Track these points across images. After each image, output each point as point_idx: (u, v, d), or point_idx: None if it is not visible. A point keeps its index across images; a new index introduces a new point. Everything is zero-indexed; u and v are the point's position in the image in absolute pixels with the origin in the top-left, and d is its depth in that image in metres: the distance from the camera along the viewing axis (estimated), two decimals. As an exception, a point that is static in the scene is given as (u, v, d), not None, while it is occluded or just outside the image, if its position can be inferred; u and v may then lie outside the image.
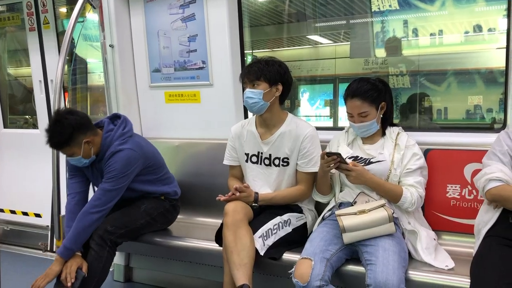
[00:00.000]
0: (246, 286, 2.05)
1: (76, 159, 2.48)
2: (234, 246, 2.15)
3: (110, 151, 2.47)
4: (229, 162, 2.65)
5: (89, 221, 2.39)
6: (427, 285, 2.01)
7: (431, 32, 4.22)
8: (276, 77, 2.40)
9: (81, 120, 2.45)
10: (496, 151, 2.08)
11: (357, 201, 2.25)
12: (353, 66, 5.06)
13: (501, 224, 2.00)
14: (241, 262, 2.11)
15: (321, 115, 5.70)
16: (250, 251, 2.14)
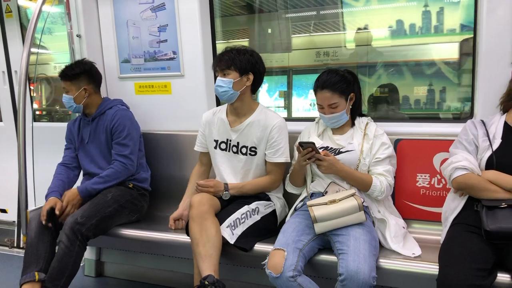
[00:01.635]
0: (211, 277, 2.04)
1: (68, 98, 2.74)
2: (199, 238, 2.15)
3: (114, 109, 2.78)
4: (199, 148, 2.67)
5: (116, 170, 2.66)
6: (396, 272, 2.04)
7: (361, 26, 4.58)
8: (247, 67, 2.40)
9: (94, 73, 2.84)
10: (462, 140, 2.13)
11: (328, 191, 2.27)
12: (306, 58, 5.24)
13: (467, 211, 2.06)
14: (206, 253, 2.11)
15: (278, 106, 5.82)
16: (216, 242, 2.14)
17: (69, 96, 2.73)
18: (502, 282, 1.83)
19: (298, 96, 5.88)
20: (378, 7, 4.49)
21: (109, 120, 2.75)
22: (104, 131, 2.76)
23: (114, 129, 2.73)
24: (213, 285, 2.02)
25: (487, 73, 2.35)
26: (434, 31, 4.24)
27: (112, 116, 2.76)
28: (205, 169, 2.69)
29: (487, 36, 2.32)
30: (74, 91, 2.73)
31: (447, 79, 4.19)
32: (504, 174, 1.97)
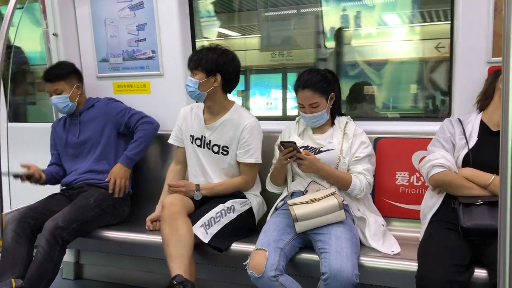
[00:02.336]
0: (179, 277, 2.03)
1: (62, 98, 2.75)
2: (170, 239, 2.13)
3: (103, 100, 2.88)
4: (173, 141, 2.65)
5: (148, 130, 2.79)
6: (376, 270, 2.06)
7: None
8: (214, 67, 2.37)
9: (79, 71, 2.90)
10: (440, 138, 2.17)
11: (308, 190, 2.28)
12: (262, 58, 5.41)
13: (444, 209, 2.09)
14: (176, 253, 2.10)
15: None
16: (187, 243, 2.12)
17: (64, 96, 2.75)
18: (478, 277, 1.86)
19: (255, 95, 6.09)
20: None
21: (103, 107, 2.84)
22: (99, 118, 2.80)
23: (115, 111, 2.83)
24: (181, 284, 2.00)
25: (463, 73, 2.39)
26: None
27: (105, 104, 2.86)
28: (181, 167, 2.66)
29: (464, 36, 2.35)
30: (68, 90, 2.76)
31: (370, 79, 4.45)
32: (479, 172, 2.01)
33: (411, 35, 4.57)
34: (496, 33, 2.27)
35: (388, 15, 4.66)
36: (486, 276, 1.85)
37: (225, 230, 2.28)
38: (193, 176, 2.56)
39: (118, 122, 2.81)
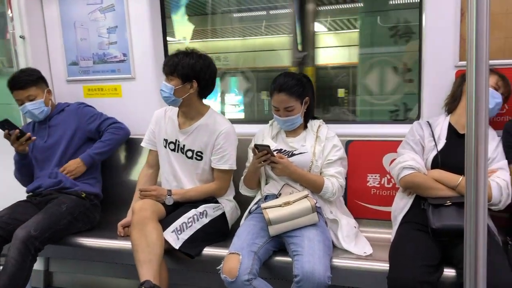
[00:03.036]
0: (148, 282, 1.99)
1: (37, 103, 2.68)
2: (139, 244, 2.10)
3: (73, 105, 2.85)
4: (146, 144, 2.62)
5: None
6: (349, 271, 2.08)
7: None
8: (190, 74, 2.34)
9: (44, 77, 2.79)
10: (409, 140, 2.21)
11: (281, 193, 2.28)
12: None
13: (414, 210, 2.13)
14: (145, 258, 2.07)
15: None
16: (156, 248, 2.09)
17: (39, 101, 2.68)
18: (448, 277, 1.90)
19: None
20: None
21: (73, 112, 2.80)
22: (68, 122, 2.75)
23: (87, 116, 2.79)
24: None
25: (432, 76, 2.44)
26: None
27: (76, 108, 2.82)
28: (152, 172, 2.62)
29: (431, 41, 2.40)
30: (41, 95, 2.70)
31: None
32: (448, 173, 2.06)
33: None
34: (462, 38, 2.33)
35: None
36: (455, 275, 1.90)
37: (197, 235, 2.26)
38: (166, 180, 2.53)
39: (89, 127, 2.76)
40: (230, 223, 2.49)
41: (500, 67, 2.26)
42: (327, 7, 5.80)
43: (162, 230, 2.17)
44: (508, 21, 2.28)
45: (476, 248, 1.00)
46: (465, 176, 1.01)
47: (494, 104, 2.11)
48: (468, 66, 0.97)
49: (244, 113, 6.46)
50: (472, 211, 1.00)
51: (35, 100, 2.67)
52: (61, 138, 2.72)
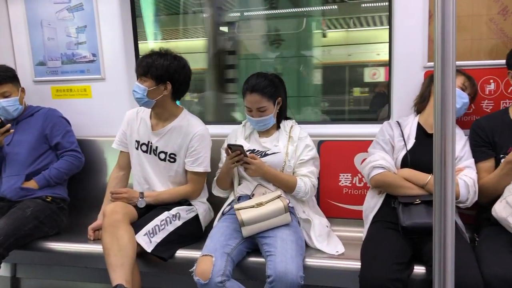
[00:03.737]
0: (120, 287, 1.97)
1: (12, 101, 2.62)
2: (110, 248, 2.06)
3: (44, 110, 2.76)
4: (117, 146, 2.57)
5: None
6: (321, 270, 2.10)
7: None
8: (164, 75, 2.31)
9: (17, 76, 2.73)
10: (380, 140, 2.25)
11: (255, 194, 2.28)
12: None
13: (385, 208, 2.17)
14: (117, 262, 2.03)
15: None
16: (128, 251, 2.06)
17: (13, 98, 2.63)
18: (418, 273, 1.94)
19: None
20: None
21: (42, 117, 2.72)
22: (35, 130, 2.67)
23: (53, 127, 2.70)
24: None
25: (401, 77, 2.48)
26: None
27: (45, 116, 2.73)
28: (123, 174, 2.57)
29: (401, 42, 2.45)
30: (16, 93, 2.66)
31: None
32: (417, 172, 2.10)
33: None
34: (430, 39, 2.38)
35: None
36: (425, 272, 1.94)
37: (170, 238, 2.24)
38: (137, 183, 2.50)
39: (50, 136, 2.69)
40: (204, 225, 2.47)
41: (467, 68, 2.32)
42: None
43: (134, 233, 2.14)
44: (474, 23, 2.34)
45: (444, 245, 1.02)
46: (433, 174, 1.03)
47: (461, 104, 2.16)
48: (435, 67, 0.99)
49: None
50: (441, 209, 1.02)
51: (10, 97, 2.61)
52: (25, 145, 2.64)
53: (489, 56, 2.35)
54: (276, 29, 5.63)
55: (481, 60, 2.36)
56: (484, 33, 2.34)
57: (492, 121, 2.16)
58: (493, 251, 1.86)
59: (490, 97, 2.37)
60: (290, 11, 5.47)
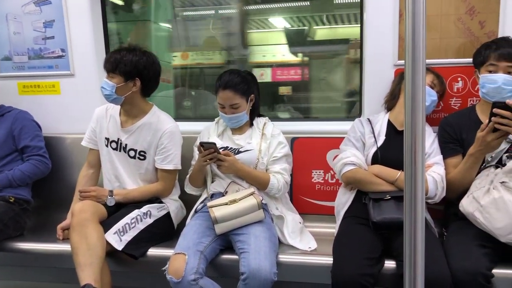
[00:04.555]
0: (88, 286, 1.94)
1: None
2: (79, 247, 2.03)
3: (15, 112, 2.67)
4: (87, 143, 2.52)
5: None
6: (295, 266, 2.11)
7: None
8: (133, 72, 2.28)
9: None
10: (351, 137, 2.28)
11: (228, 191, 2.28)
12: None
13: (356, 204, 2.20)
14: (86, 261, 2.00)
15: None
16: (97, 250, 2.03)
17: None
18: (388, 268, 1.98)
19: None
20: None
21: (11, 119, 2.64)
22: (3, 130, 2.60)
23: (21, 131, 2.62)
24: None
25: (372, 74, 2.52)
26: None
27: (15, 117, 2.65)
28: (93, 172, 2.53)
29: (372, 40, 2.48)
30: None
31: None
32: (387, 168, 2.13)
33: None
34: (401, 38, 2.42)
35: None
36: (395, 266, 1.97)
37: (141, 236, 2.21)
38: (108, 180, 2.45)
39: (18, 138, 2.61)
40: (176, 223, 2.45)
41: (436, 66, 2.37)
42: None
43: (104, 232, 2.10)
44: (443, 22, 2.39)
45: (415, 240, 1.04)
46: (404, 171, 1.05)
47: (430, 101, 2.21)
48: (406, 65, 1.01)
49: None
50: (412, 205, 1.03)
51: None
52: None
53: (457, 54, 2.41)
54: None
55: (449, 59, 2.41)
56: (452, 32, 2.40)
57: (460, 118, 2.22)
58: (461, 245, 1.91)
59: (458, 94, 2.43)
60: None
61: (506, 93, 2.01)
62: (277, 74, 4.70)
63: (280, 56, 4.94)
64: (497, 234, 1.84)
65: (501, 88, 2.01)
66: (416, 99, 1.00)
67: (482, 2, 2.34)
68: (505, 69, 2.01)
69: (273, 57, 4.90)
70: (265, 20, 5.20)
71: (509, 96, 2.00)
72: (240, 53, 4.91)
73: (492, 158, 2.04)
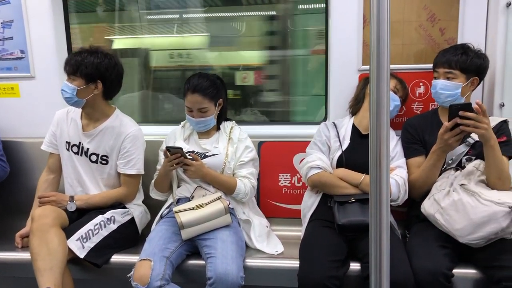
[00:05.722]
0: None
1: None
2: (38, 252, 1.96)
3: None
4: (47, 148, 2.44)
5: None
6: (261, 270, 2.11)
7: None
8: (94, 74, 2.23)
9: None
10: (317, 141, 2.30)
11: (194, 196, 2.26)
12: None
13: (322, 207, 2.23)
14: (46, 267, 1.94)
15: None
16: (58, 255, 1.97)
17: None
18: (354, 270, 2.00)
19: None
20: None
21: None
22: None
23: None
24: None
25: (337, 79, 2.55)
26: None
27: None
28: (54, 177, 2.45)
29: (337, 46, 2.51)
30: None
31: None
32: (352, 172, 2.17)
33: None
34: (365, 43, 2.47)
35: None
36: (359, 268, 2.00)
37: (104, 242, 2.16)
38: (69, 185, 2.39)
39: None
40: (140, 228, 2.41)
41: (398, 71, 2.43)
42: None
43: (66, 237, 2.04)
44: (405, 29, 2.46)
45: (380, 242, 1.06)
46: (369, 174, 1.06)
47: (393, 106, 2.26)
48: (371, 71, 1.02)
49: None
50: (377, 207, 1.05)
51: None
52: None
53: (419, 60, 2.47)
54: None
55: (412, 64, 2.48)
56: (414, 38, 2.46)
57: (422, 121, 2.28)
58: (423, 246, 1.96)
59: (420, 99, 2.49)
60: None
61: (445, 98, 2.12)
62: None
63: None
64: (457, 235, 1.90)
65: (439, 93, 2.12)
66: (381, 103, 1.02)
67: (443, 10, 2.42)
68: (444, 75, 2.12)
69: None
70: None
71: (449, 100, 2.10)
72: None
73: (452, 161, 2.11)
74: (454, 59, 2.10)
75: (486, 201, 1.85)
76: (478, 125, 1.86)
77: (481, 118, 1.85)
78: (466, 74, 2.11)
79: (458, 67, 2.10)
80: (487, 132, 1.87)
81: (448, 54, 2.13)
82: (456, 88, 2.10)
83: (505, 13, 2.32)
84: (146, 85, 4.37)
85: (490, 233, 1.83)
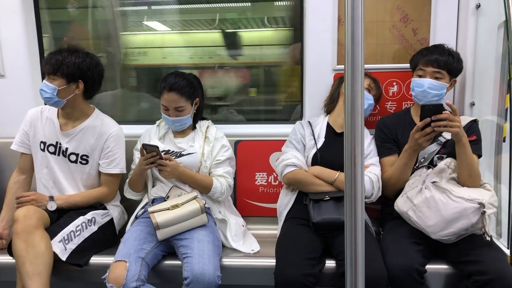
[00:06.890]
0: None
1: None
2: (25, 255, 1.92)
3: None
4: (18, 148, 2.37)
5: None
6: (239, 269, 2.12)
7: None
8: (76, 74, 2.19)
9: None
10: (292, 139, 2.32)
11: (170, 196, 2.24)
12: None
13: (297, 205, 2.24)
14: (34, 271, 1.90)
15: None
16: (45, 258, 1.94)
17: None
18: (329, 267, 2.02)
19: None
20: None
21: None
22: None
23: None
24: None
25: (312, 79, 2.57)
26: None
27: None
28: (25, 178, 2.39)
29: (311, 45, 2.53)
30: None
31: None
32: (326, 169, 2.19)
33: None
34: (340, 43, 2.49)
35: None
36: (334, 266, 2.02)
37: (85, 244, 2.13)
38: (44, 187, 2.33)
39: None
40: (118, 228, 2.39)
41: (372, 71, 2.46)
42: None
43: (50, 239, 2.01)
44: (379, 29, 2.49)
45: (355, 239, 1.07)
46: (344, 172, 1.08)
47: (367, 105, 2.29)
48: (346, 70, 1.03)
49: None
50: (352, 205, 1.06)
51: None
52: None
53: (392, 60, 2.51)
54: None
55: (385, 64, 2.52)
56: (388, 38, 2.50)
57: (395, 120, 2.32)
58: (396, 243, 2.00)
59: (393, 98, 2.54)
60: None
61: (431, 97, 2.14)
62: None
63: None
64: (429, 231, 1.94)
65: (426, 92, 2.14)
66: (355, 102, 1.03)
67: (415, 11, 2.46)
68: (431, 74, 2.14)
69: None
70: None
71: (435, 99, 2.13)
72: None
73: (424, 159, 2.16)
74: (443, 60, 2.13)
75: (457, 197, 1.90)
76: (451, 124, 1.90)
77: (453, 117, 1.90)
78: (450, 75, 2.16)
79: (446, 68, 2.14)
80: (460, 130, 1.92)
81: (435, 53, 2.15)
82: (443, 88, 2.14)
83: (475, 15, 2.38)
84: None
85: (460, 229, 1.88)
